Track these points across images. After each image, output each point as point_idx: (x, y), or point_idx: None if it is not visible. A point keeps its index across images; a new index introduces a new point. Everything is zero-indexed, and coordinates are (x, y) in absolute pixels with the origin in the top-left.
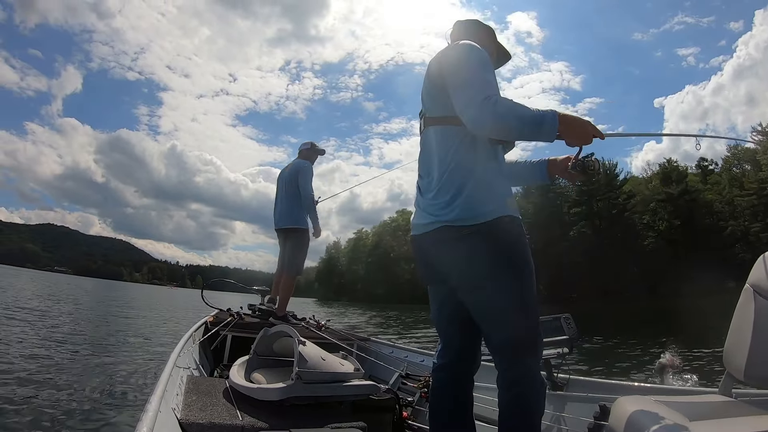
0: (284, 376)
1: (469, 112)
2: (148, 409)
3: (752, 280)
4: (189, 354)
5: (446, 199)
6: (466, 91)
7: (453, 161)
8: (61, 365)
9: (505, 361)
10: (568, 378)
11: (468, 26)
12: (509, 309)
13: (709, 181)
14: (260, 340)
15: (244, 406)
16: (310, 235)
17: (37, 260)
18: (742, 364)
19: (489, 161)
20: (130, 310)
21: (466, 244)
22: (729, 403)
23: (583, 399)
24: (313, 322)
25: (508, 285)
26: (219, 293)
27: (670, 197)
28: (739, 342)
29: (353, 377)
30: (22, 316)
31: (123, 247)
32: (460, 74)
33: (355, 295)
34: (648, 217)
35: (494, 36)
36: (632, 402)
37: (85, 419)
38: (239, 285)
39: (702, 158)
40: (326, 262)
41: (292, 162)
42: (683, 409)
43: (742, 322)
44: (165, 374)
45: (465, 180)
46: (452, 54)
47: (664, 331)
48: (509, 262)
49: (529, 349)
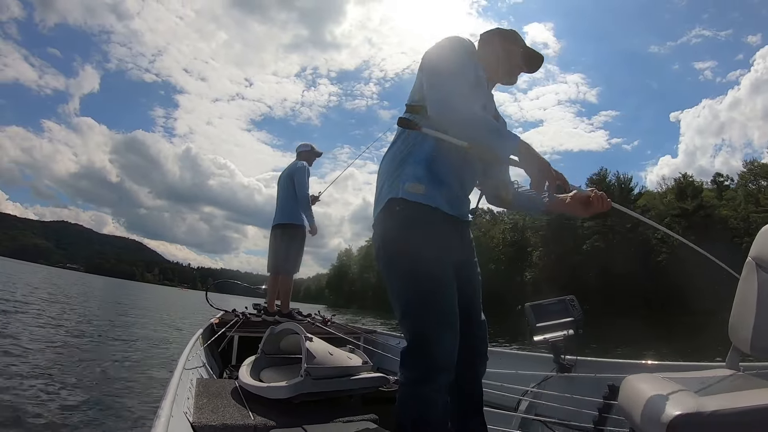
0: (293, 373)
1: (434, 95)
2: (160, 414)
3: (754, 254)
4: (197, 357)
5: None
6: (437, 77)
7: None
8: (68, 367)
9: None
10: (575, 359)
11: (482, 36)
12: (396, 310)
13: (725, 196)
14: (267, 338)
15: (255, 406)
16: (307, 233)
17: (50, 257)
18: (748, 337)
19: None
20: (140, 310)
21: (374, 230)
22: (737, 377)
23: (592, 379)
24: (319, 317)
25: (390, 284)
26: (226, 296)
27: (684, 212)
28: (743, 315)
29: (362, 370)
30: (30, 311)
31: (135, 247)
32: (432, 60)
33: (366, 303)
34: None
35: (514, 39)
36: (641, 380)
37: (96, 425)
38: (243, 285)
39: (718, 173)
40: (337, 269)
41: (290, 164)
42: (691, 384)
43: (746, 295)
44: (175, 378)
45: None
46: (435, 45)
47: (673, 342)
48: (386, 255)
49: (405, 358)
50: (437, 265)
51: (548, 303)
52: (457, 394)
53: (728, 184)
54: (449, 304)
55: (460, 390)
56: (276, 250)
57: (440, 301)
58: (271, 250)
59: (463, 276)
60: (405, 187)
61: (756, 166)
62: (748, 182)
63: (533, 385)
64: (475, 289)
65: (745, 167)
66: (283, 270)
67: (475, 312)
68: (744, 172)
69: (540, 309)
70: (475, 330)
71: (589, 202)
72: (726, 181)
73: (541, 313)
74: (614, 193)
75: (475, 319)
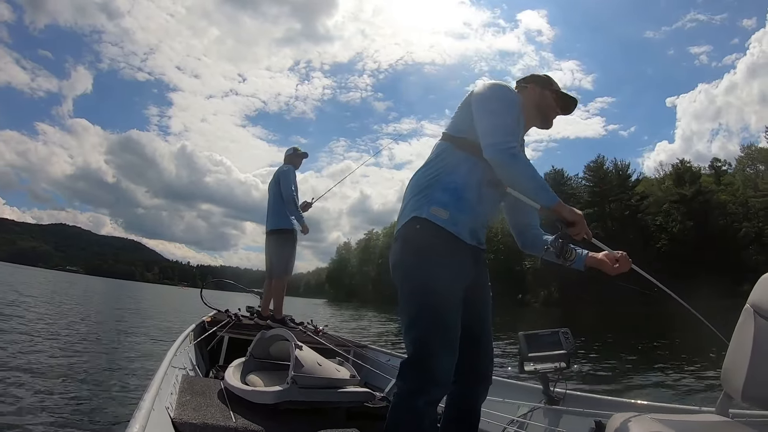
0: (280, 379)
1: (489, 140)
2: (141, 407)
3: (753, 300)
4: (185, 354)
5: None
6: (492, 120)
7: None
8: (54, 361)
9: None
10: (564, 393)
11: (519, 84)
12: (402, 321)
13: (723, 182)
14: (257, 342)
15: (238, 408)
16: (297, 236)
17: (49, 260)
18: (740, 385)
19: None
20: (139, 310)
21: (393, 243)
22: (725, 423)
23: (579, 414)
24: (311, 326)
25: (402, 295)
26: (226, 293)
27: (683, 198)
28: (737, 362)
29: (349, 384)
30: (22, 313)
31: (134, 247)
32: (488, 104)
33: (367, 297)
34: (661, 218)
35: (549, 84)
36: (628, 419)
37: (78, 416)
38: (239, 286)
39: (715, 159)
40: (337, 263)
41: (277, 169)
42: (679, 427)
43: (742, 342)
44: (160, 373)
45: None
46: (485, 86)
47: (667, 337)
48: (402, 268)
49: (405, 370)
50: (448, 286)
51: (542, 334)
52: (456, 412)
53: (726, 169)
54: (453, 325)
55: (458, 409)
56: (270, 256)
57: (446, 320)
58: (266, 255)
59: (474, 299)
60: (430, 209)
61: (753, 151)
62: (746, 167)
63: (520, 414)
64: (485, 311)
65: (743, 152)
66: (276, 274)
67: (485, 334)
68: (741, 157)
69: (533, 339)
70: (481, 351)
71: (616, 261)
72: (724, 166)
73: (533, 343)
74: (612, 181)
75: (483, 340)
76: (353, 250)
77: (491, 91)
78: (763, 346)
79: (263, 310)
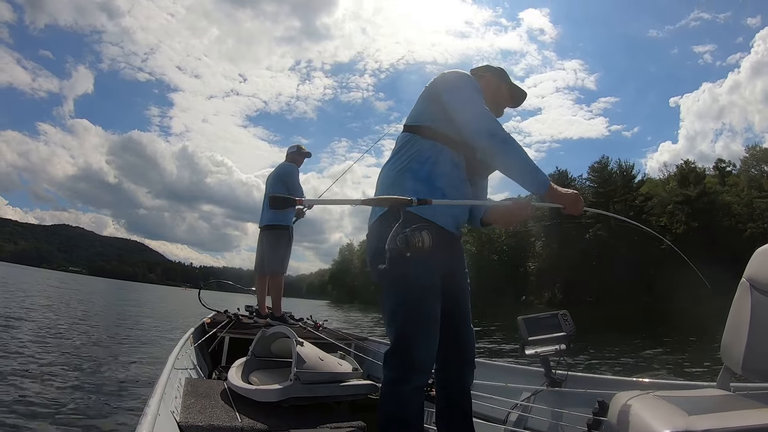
0: (283, 377)
1: (479, 126)
2: (147, 412)
3: (748, 274)
4: (187, 356)
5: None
6: (473, 107)
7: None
8: (57, 366)
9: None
10: (566, 374)
11: (473, 72)
12: (384, 314)
13: (728, 182)
14: (258, 341)
15: (243, 408)
16: (292, 234)
17: (52, 260)
18: (740, 358)
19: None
20: (140, 310)
21: (368, 237)
22: (727, 397)
23: (582, 395)
24: (311, 322)
25: (382, 289)
26: (225, 294)
27: (687, 199)
28: (736, 336)
29: (352, 377)
30: (27, 316)
31: (137, 248)
32: (462, 92)
33: (370, 298)
34: (665, 219)
35: (502, 77)
36: (631, 397)
37: (84, 422)
38: (236, 286)
39: (720, 159)
40: (339, 264)
41: (277, 165)
42: (682, 403)
43: (739, 316)
44: (163, 377)
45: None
46: (453, 75)
47: (671, 332)
48: (378, 262)
49: (387, 359)
50: (426, 276)
51: (541, 317)
52: (445, 399)
53: (730, 170)
54: (432, 313)
55: (447, 396)
56: (263, 252)
57: (424, 310)
58: (258, 251)
59: (453, 286)
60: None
61: (758, 151)
62: (750, 167)
63: (523, 398)
64: (464, 298)
65: (747, 152)
66: (270, 271)
67: (464, 320)
68: (746, 158)
69: (532, 322)
70: (463, 337)
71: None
72: (728, 167)
73: (533, 327)
74: (616, 182)
75: (463, 326)
76: (356, 250)
77: (462, 80)
78: (760, 320)
79: (260, 308)
